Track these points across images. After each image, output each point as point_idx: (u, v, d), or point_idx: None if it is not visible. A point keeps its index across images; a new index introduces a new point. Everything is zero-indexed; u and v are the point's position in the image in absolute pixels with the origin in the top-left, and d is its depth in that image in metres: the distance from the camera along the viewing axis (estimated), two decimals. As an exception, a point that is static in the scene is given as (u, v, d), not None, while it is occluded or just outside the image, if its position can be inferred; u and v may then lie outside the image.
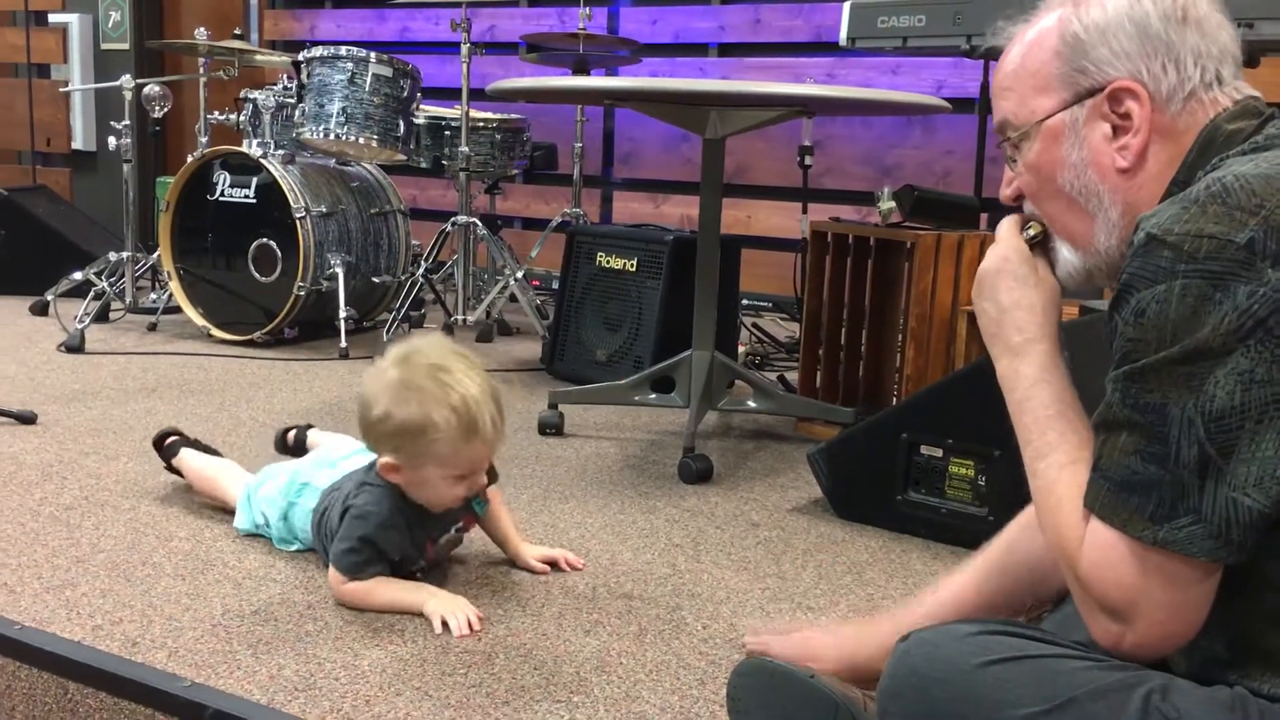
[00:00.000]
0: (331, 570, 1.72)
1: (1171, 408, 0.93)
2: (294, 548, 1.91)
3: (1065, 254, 1.14)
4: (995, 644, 1.04)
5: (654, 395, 2.76)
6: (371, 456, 1.75)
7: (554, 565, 1.88)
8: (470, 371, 1.66)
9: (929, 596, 1.45)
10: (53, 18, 6.27)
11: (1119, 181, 1.07)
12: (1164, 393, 0.94)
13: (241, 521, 1.98)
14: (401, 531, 1.72)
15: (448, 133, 4.20)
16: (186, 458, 2.18)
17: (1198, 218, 0.93)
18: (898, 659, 1.09)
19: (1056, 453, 1.06)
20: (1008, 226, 1.18)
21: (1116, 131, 1.07)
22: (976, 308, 1.19)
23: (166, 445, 2.21)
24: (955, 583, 1.42)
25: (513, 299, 4.04)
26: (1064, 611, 1.25)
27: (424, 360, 1.66)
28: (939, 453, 2.08)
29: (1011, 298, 1.15)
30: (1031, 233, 1.17)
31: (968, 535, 2.03)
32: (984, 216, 3.12)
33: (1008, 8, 1.21)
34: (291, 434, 2.31)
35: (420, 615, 1.66)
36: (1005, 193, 1.18)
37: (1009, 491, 1.99)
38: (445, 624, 1.62)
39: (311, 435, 2.28)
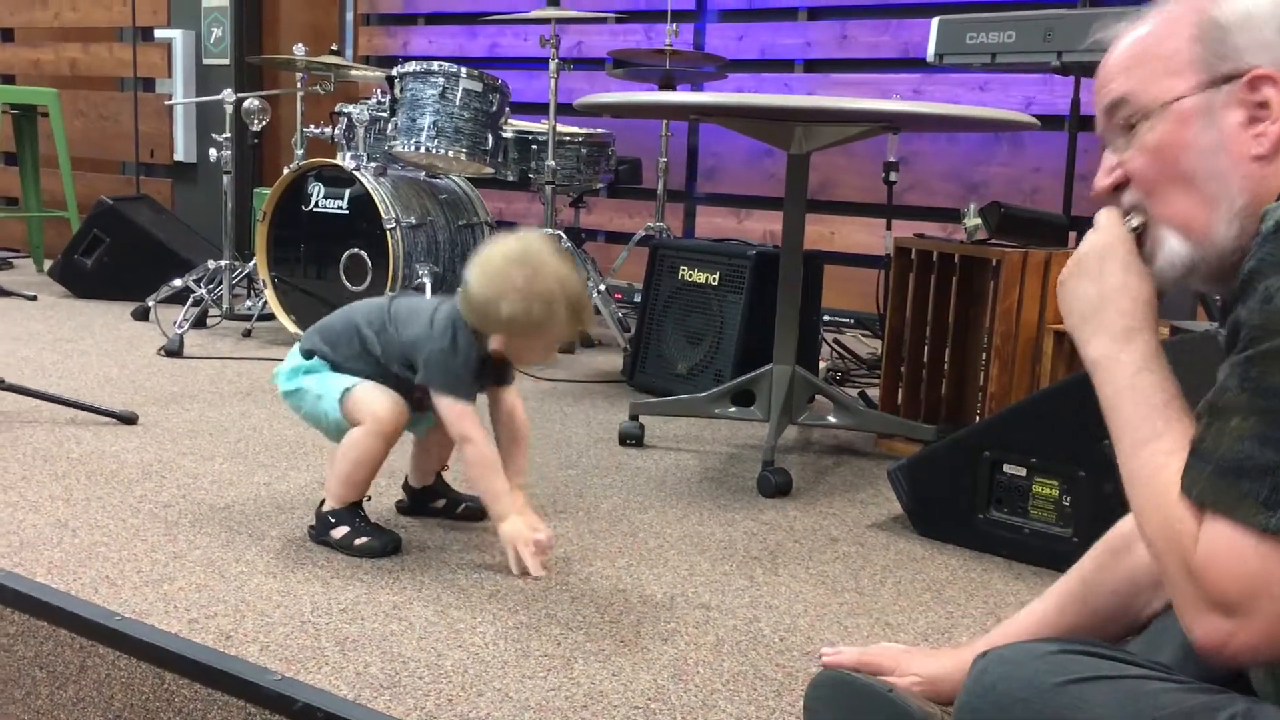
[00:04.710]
0: (450, 402, 1.92)
1: None
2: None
3: (1173, 243, 1.10)
4: (1075, 663, 1.03)
5: (734, 409, 2.77)
6: None
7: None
8: (572, 268, 1.94)
9: (1010, 625, 1.43)
10: (158, 34, 6.50)
11: (1252, 169, 1.05)
12: None
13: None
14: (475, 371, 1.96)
15: (535, 147, 4.26)
16: None
17: None
18: (975, 677, 1.09)
19: (1163, 439, 1.02)
20: (1111, 214, 1.14)
21: (1252, 120, 1.05)
22: (1070, 288, 1.14)
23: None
24: (1035, 610, 1.39)
25: (595, 311, 4.08)
26: (1145, 632, 1.23)
27: (543, 261, 1.91)
28: (1022, 472, 2.06)
29: (1118, 281, 1.11)
30: (1135, 223, 1.12)
31: (1051, 556, 2.00)
32: (1072, 235, 3.07)
33: (1100, 24, 1.20)
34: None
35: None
36: (1104, 182, 1.14)
37: (1094, 512, 1.96)
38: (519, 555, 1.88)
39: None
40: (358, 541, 1.96)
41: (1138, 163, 1.11)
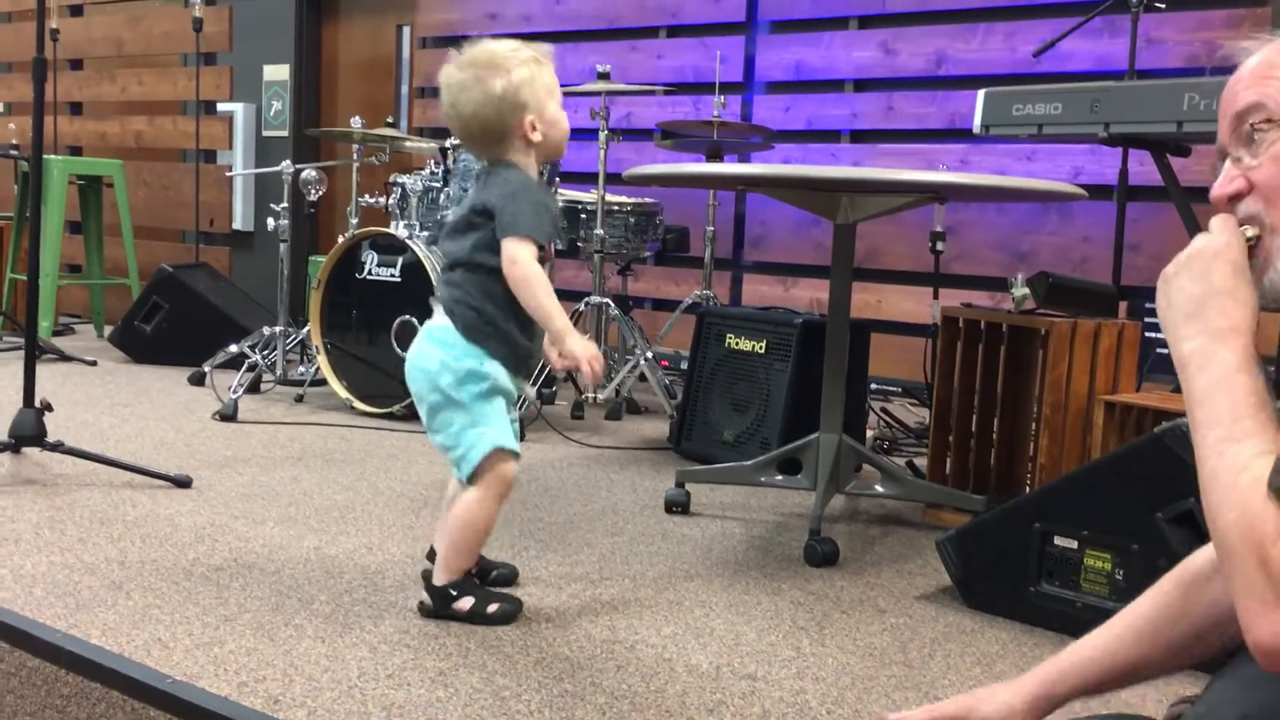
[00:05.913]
0: (512, 244, 1.95)
1: None
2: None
3: None
4: None
5: (780, 477, 2.76)
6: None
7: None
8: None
9: (1076, 652, 1.38)
10: (221, 107, 6.71)
11: None
12: None
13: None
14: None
15: (584, 216, 4.33)
16: None
17: None
18: None
19: (1254, 440, 0.99)
20: (1227, 220, 1.12)
21: None
22: (1173, 284, 1.10)
23: None
24: (1107, 640, 1.34)
25: (642, 378, 4.10)
26: (1205, 705, 1.21)
27: (477, 51, 2.02)
28: (1074, 544, 2.03)
29: (1226, 283, 1.07)
30: (1250, 234, 1.10)
31: (1104, 631, 1.97)
32: (1123, 305, 3.06)
33: (1146, 97, 1.21)
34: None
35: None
36: (1224, 190, 1.12)
37: (1147, 586, 1.93)
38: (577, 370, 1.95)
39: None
40: (490, 609, 1.96)
41: (1265, 171, 1.09)
